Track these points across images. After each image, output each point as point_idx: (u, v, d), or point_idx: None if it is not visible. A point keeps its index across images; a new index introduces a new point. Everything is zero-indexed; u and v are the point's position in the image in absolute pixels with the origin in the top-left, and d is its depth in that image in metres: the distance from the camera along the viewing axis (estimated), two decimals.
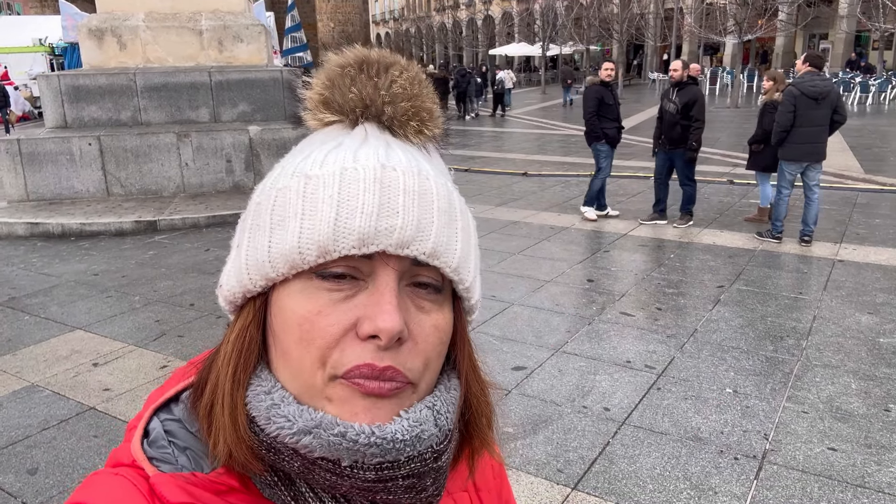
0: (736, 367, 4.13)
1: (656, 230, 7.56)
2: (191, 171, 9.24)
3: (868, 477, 3.03)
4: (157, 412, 0.59)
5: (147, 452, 0.55)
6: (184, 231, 7.83)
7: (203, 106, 9.72)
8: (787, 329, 4.69)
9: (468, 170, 11.91)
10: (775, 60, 36.07)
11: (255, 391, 0.53)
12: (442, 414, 0.54)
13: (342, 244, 0.49)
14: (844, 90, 24.77)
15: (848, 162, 11.78)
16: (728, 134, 15.98)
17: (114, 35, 9.68)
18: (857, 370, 4.06)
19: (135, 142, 9.01)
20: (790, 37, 34.98)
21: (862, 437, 3.35)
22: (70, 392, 3.99)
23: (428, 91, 0.58)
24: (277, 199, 0.53)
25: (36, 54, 26.25)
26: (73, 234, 7.78)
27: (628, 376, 4.03)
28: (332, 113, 0.56)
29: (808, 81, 6.56)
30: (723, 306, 5.15)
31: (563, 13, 38.99)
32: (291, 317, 0.52)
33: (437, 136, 0.59)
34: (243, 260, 0.55)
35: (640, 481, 3.02)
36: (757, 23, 25.28)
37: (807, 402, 3.70)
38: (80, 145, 8.89)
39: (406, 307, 0.52)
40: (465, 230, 0.56)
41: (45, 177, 8.89)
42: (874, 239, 6.95)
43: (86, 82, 9.36)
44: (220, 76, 9.70)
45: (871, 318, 4.84)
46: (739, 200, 9.05)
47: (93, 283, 6.06)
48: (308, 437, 0.50)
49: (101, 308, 5.39)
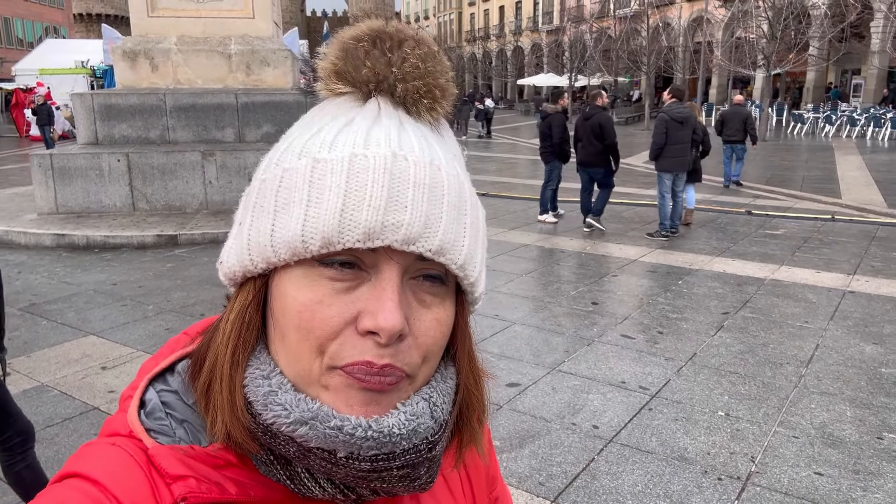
0: (731, 391, 4.12)
1: (667, 256, 7.56)
2: (214, 189, 9.49)
3: (852, 502, 3.00)
4: (152, 382, 0.58)
5: (144, 424, 0.54)
6: (203, 246, 8.04)
7: (229, 126, 10.02)
8: (787, 356, 4.66)
9: (486, 194, 12.03)
10: (806, 95, 35.80)
11: (254, 374, 0.53)
12: (438, 406, 0.54)
13: (347, 237, 0.49)
14: (875, 126, 24.52)
15: (872, 196, 11.66)
16: (753, 166, 15.87)
17: (146, 57, 10.06)
18: (855, 398, 4.02)
19: (162, 159, 9.31)
20: (821, 72, 34.74)
21: (851, 463, 3.32)
22: (77, 392, 4.14)
23: (441, 68, 0.56)
24: (283, 180, 0.52)
25: (77, 76, 27.26)
26: (97, 245, 8.04)
27: (621, 396, 4.04)
28: (345, 84, 0.55)
29: (674, 109, 8.41)
30: (725, 332, 5.13)
31: (592, 45, 39.29)
32: (292, 304, 0.51)
33: (448, 112, 0.58)
34: (245, 239, 0.54)
35: (620, 497, 3.03)
36: (786, 57, 25.21)
37: (799, 427, 3.67)
38: (110, 161, 9.21)
39: (408, 302, 0.51)
40: (474, 224, 0.55)
41: (75, 191, 9.21)
42: (889, 272, 6.86)
43: (118, 101, 9.73)
44: (247, 98, 10.00)
45: (875, 349, 4.79)
46: (756, 230, 9.00)
47: (110, 292, 6.26)
48: (304, 427, 0.50)
49: (116, 316, 5.57)
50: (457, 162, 0.56)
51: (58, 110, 24.82)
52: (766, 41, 24.27)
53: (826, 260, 7.35)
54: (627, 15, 39.08)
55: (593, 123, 8.80)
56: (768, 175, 14.77)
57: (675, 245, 8.20)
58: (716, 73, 37.64)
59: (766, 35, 24.43)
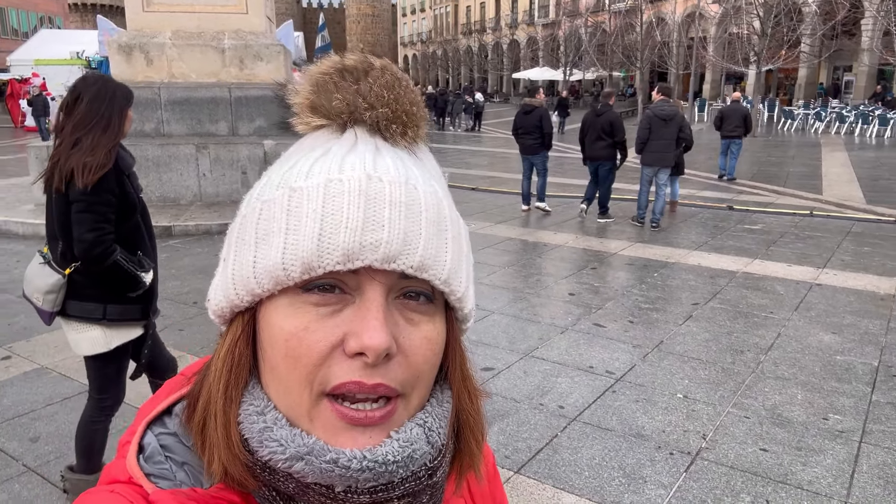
0: (692, 375, 4.38)
1: (645, 250, 7.83)
2: (208, 181, 9.71)
3: (791, 475, 3.27)
4: (150, 426, 0.58)
5: (144, 468, 0.53)
6: (197, 237, 8.26)
7: (222, 120, 10.23)
8: (749, 344, 4.92)
9: (475, 189, 12.27)
10: (798, 91, 36.10)
11: (248, 410, 0.53)
12: (434, 430, 0.54)
13: (326, 260, 0.49)
14: (863, 122, 24.83)
15: (852, 192, 11.93)
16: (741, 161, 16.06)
17: (142, 51, 10.25)
18: (807, 383, 4.29)
19: (156, 152, 9.52)
20: (813, 68, 35.03)
21: (795, 441, 3.59)
22: (75, 374, 4.37)
23: (407, 93, 0.57)
24: (262, 212, 0.53)
25: (73, 67, 27.30)
26: None
27: (588, 380, 4.30)
28: (320, 117, 0.56)
29: (659, 106, 8.88)
30: (693, 322, 5.40)
31: (587, 39, 39.48)
32: (278, 333, 0.51)
33: (422, 137, 0.59)
34: (229, 274, 0.54)
35: (578, 469, 3.29)
36: (777, 53, 25.47)
37: (751, 408, 3.94)
38: None
39: (395, 321, 0.51)
40: (456, 239, 0.55)
41: None
42: (857, 266, 7.14)
43: None
44: (240, 92, 10.21)
45: (833, 338, 5.06)
46: (735, 225, 9.27)
47: None
48: (300, 462, 0.50)
49: None
50: (436, 182, 0.57)
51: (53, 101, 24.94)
52: (758, 38, 24.53)
53: (799, 254, 7.62)
54: (622, 10, 39.25)
55: (604, 121, 9.28)
56: (754, 171, 15.04)
57: (655, 239, 8.47)
58: (709, 69, 37.89)
59: (756, 32, 24.69)
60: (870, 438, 3.61)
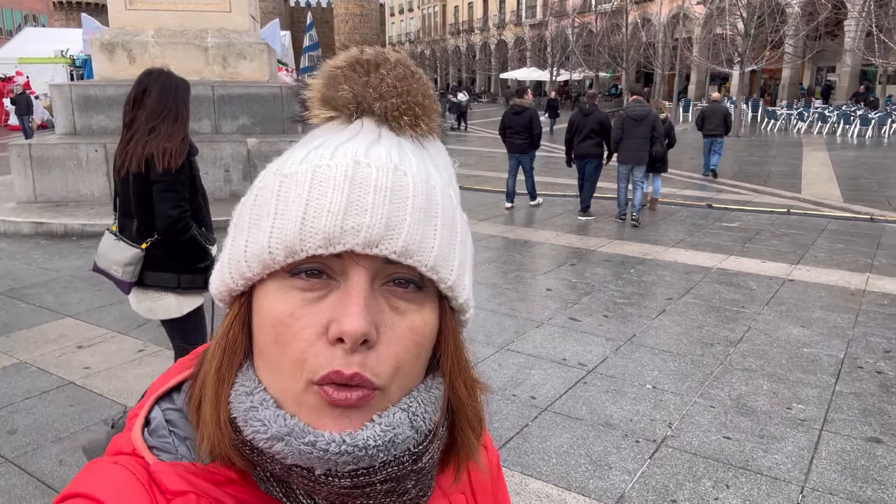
0: (661, 367, 4.49)
1: (623, 247, 7.94)
2: None
3: (752, 461, 3.37)
4: (158, 401, 0.59)
5: (147, 441, 0.55)
6: None
7: (205, 118, 10.24)
8: (719, 337, 5.04)
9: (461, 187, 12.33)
10: (781, 92, 36.46)
11: (238, 391, 0.53)
12: (418, 415, 0.54)
13: (308, 244, 0.50)
14: (845, 122, 25.15)
15: (830, 191, 12.12)
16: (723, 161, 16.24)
17: (124, 49, 10.26)
18: (774, 374, 4.40)
19: None
20: (797, 69, 35.38)
21: (758, 429, 3.69)
22: (54, 369, 4.41)
23: (420, 86, 0.57)
24: (257, 198, 0.54)
25: (57, 65, 27.18)
26: (74, 233, 8.26)
27: (561, 372, 4.39)
28: (329, 109, 0.57)
29: (632, 107, 9.33)
30: (666, 316, 5.50)
31: (573, 40, 39.70)
32: (266, 318, 0.52)
33: (434, 129, 0.59)
34: (226, 259, 0.56)
35: (546, 456, 3.38)
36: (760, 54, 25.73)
37: (717, 398, 4.05)
38: (88, 151, 9.42)
39: (379, 308, 0.51)
40: (448, 227, 0.54)
41: (53, 180, 9.41)
42: (830, 262, 7.28)
43: (95, 92, 9.92)
44: (223, 90, 10.23)
45: (801, 331, 5.18)
46: (713, 223, 9.41)
47: (87, 277, 6.49)
48: (280, 443, 0.50)
49: (92, 299, 5.83)
50: (437, 171, 0.57)
51: (37, 100, 24.78)
52: (741, 39, 24.78)
53: (774, 251, 7.75)
54: (609, 10, 39.49)
55: (593, 120, 9.67)
56: (735, 170, 15.22)
57: (634, 236, 8.59)
58: (694, 69, 38.20)
59: (740, 33, 24.94)
60: (830, 427, 3.72)
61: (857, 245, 8.12)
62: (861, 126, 24.48)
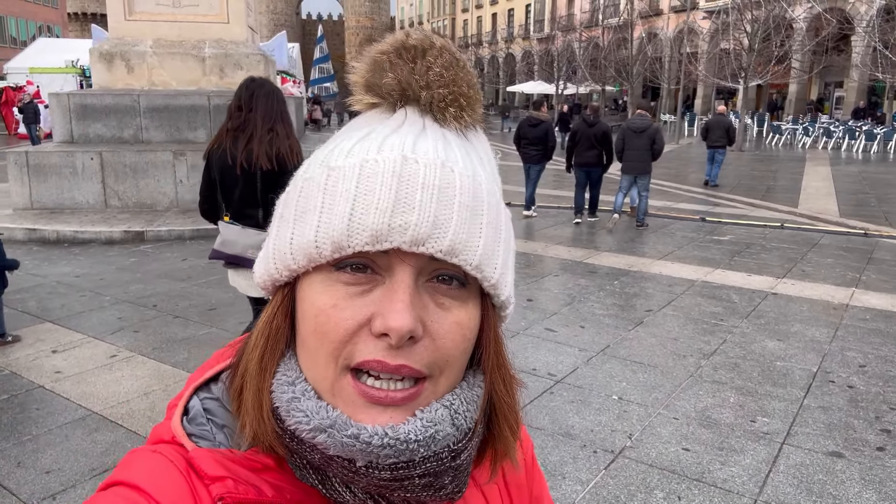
0: (630, 378, 4.47)
1: (610, 258, 7.93)
2: (184, 188, 9.80)
3: (707, 474, 3.35)
4: (197, 391, 0.60)
5: (186, 429, 0.56)
6: (169, 242, 8.36)
7: (201, 127, 10.34)
8: (693, 349, 5.01)
9: None
10: (788, 107, 36.38)
11: (280, 380, 0.54)
12: (460, 413, 0.54)
13: (355, 241, 0.50)
14: (850, 138, 25.06)
15: (828, 206, 12.06)
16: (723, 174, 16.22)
17: (122, 59, 10.39)
18: (743, 387, 4.37)
19: (134, 158, 9.63)
20: (804, 84, 35.34)
21: (719, 441, 3.67)
22: (25, 372, 4.45)
23: (465, 76, 0.57)
24: (303, 189, 0.54)
25: (67, 75, 27.49)
26: (66, 240, 8.34)
27: (529, 381, 4.38)
28: (373, 95, 0.57)
29: (634, 120, 10.15)
30: (643, 328, 5.49)
31: (580, 54, 39.82)
32: (309, 308, 0.53)
33: (478, 120, 0.59)
34: (271, 250, 0.56)
35: None
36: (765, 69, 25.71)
37: (681, 410, 4.02)
38: (84, 160, 9.53)
39: (424, 304, 0.52)
40: (493, 225, 0.54)
41: (49, 188, 9.52)
42: (816, 276, 7.24)
43: (93, 101, 10.05)
44: (219, 100, 10.30)
45: (777, 344, 5.15)
46: (704, 236, 9.38)
47: (72, 283, 6.57)
48: (323, 435, 0.51)
49: (73, 305, 5.88)
50: (481, 166, 0.57)
51: (45, 109, 25.07)
52: (745, 53, 24.79)
53: (761, 264, 7.72)
54: (615, 25, 39.62)
55: (597, 131, 10.19)
56: (735, 183, 15.18)
57: (622, 248, 8.58)
58: (700, 84, 38.21)
59: (744, 48, 24.95)
60: (792, 440, 3.70)
61: (847, 259, 8.07)
62: (866, 141, 24.39)
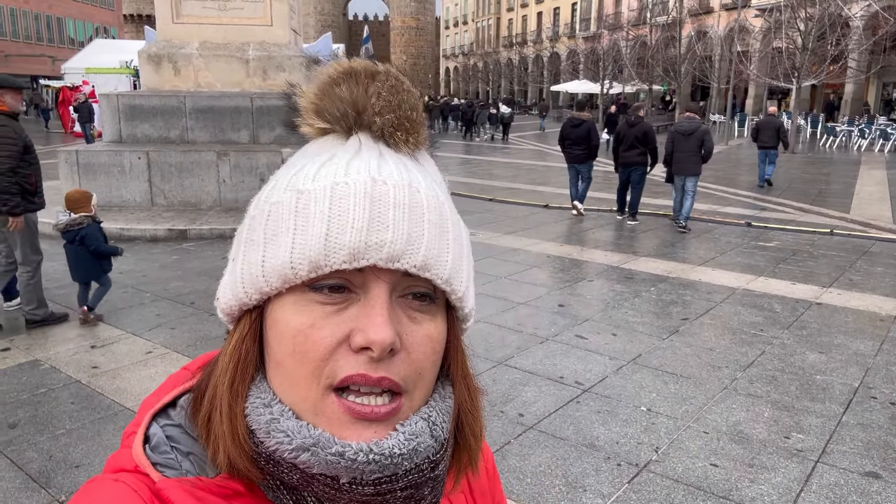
0: (661, 389, 4.37)
1: (648, 263, 7.78)
2: (227, 187, 10.01)
3: (735, 491, 3.25)
4: (155, 418, 0.59)
5: (150, 458, 0.55)
6: (210, 240, 8.53)
7: (244, 128, 10.54)
8: (729, 360, 4.87)
9: (492, 199, 12.34)
10: (844, 107, 35.14)
11: (255, 403, 0.54)
12: (437, 424, 0.56)
13: (333, 259, 0.51)
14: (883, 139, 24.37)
15: (881, 212, 11.60)
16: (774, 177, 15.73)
17: (170, 61, 10.66)
18: (779, 401, 4.23)
19: (179, 158, 9.87)
20: (860, 84, 34.07)
21: (749, 458, 3.55)
22: (64, 367, 4.60)
23: (409, 98, 0.58)
24: (271, 213, 0.55)
25: (121, 76, 28.34)
26: (112, 237, 8.53)
27: (555, 390, 4.33)
28: (324, 121, 0.58)
29: (682, 123, 10.12)
30: (678, 336, 5.36)
31: (627, 52, 39.20)
32: (285, 329, 0.53)
33: (423, 142, 0.60)
34: (238, 274, 0.56)
35: (521, 475, 3.33)
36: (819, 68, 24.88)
37: (712, 424, 3.91)
38: (131, 159, 9.81)
39: (398, 318, 0.53)
40: (457, 240, 0.57)
41: (98, 186, 9.79)
42: (865, 285, 6.97)
43: (141, 102, 10.34)
44: (262, 102, 10.50)
45: (818, 357, 4.97)
46: (748, 242, 9.12)
47: (116, 280, 6.73)
48: (306, 454, 0.51)
49: (115, 301, 6.05)
50: (437, 186, 0.59)
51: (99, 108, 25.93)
52: (798, 53, 24.04)
53: (807, 272, 7.47)
54: (664, 23, 38.87)
55: (638, 131, 10.32)
56: (785, 186, 14.73)
57: (661, 253, 8.41)
58: (752, 84, 37.20)
59: (797, 47, 24.20)
60: (827, 458, 3.56)
61: None
62: None
